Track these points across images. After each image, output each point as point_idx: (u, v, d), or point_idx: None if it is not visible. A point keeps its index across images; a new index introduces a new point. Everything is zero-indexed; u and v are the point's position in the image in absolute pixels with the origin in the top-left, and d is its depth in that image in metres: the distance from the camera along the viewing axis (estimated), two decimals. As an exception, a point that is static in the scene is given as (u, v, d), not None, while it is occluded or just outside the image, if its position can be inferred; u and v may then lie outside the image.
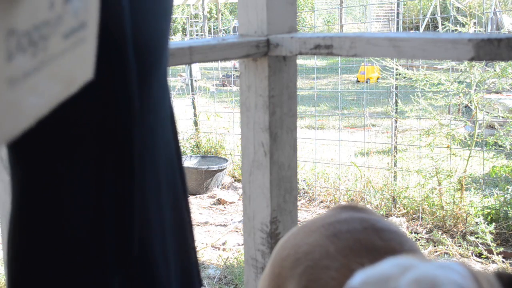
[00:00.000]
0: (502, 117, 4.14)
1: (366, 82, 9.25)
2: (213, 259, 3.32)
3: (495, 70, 3.82)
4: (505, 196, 3.62)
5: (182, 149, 5.34)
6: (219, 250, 3.47)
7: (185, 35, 18.18)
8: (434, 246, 3.41)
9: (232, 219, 4.01)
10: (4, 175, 1.21)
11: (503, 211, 3.56)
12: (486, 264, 3.19)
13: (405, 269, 0.62)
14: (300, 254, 0.96)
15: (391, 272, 0.62)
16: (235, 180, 4.91)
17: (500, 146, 3.89)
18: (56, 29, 0.53)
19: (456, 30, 4.00)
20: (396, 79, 4.17)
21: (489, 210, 3.60)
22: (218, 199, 4.41)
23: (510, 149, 3.71)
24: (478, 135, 3.91)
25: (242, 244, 2.64)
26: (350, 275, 0.87)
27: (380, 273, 0.63)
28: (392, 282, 0.61)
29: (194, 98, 5.63)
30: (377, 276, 0.62)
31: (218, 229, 3.83)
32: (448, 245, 3.34)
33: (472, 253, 3.30)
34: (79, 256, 0.84)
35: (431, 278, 0.59)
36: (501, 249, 3.27)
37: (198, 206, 4.34)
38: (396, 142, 4.25)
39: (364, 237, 0.93)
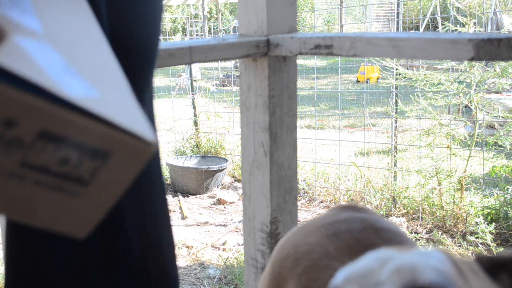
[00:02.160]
0: (502, 117, 4.14)
1: (366, 82, 9.25)
2: (213, 259, 3.32)
3: (495, 70, 3.82)
4: (505, 196, 3.63)
5: (182, 149, 5.34)
6: (219, 250, 3.47)
7: (185, 35, 18.18)
8: (434, 246, 3.41)
9: (232, 219, 4.01)
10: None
11: (503, 211, 3.56)
12: (486, 264, 3.19)
13: (385, 261, 0.62)
14: (299, 254, 0.96)
15: (371, 266, 0.62)
16: (235, 180, 4.91)
17: (500, 146, 3.89)
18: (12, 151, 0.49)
19: (456, 30, 4.00)
20: (396, 79, 4.17)
21: (489, 210, 3.60)
22: (218, 199, 4.41)
23: (510, 149, 3.71)
24: (478, 135, 3.91)
25: (242, 244, 2.64)
26: None
27: (361, 268, 0.63)
28: (374, 276, 0.61)
29: (194, 98, 5.63)
30: (359, 272, 0.63)
31: (218, 229, 3.83)
32: (448, 245, 3.34)
33: (472, 253, 3.30)
34: (70, 254, 0.85)
35: (411, 266, 0.60)
36: (501, 249, 3.27)
37: (198, 206, 4.34)
38: (396, 142, 4.25)
39: (364, 237, 0.93)
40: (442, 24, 6.79)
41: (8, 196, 0.51)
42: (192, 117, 5.66)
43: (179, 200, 4.42)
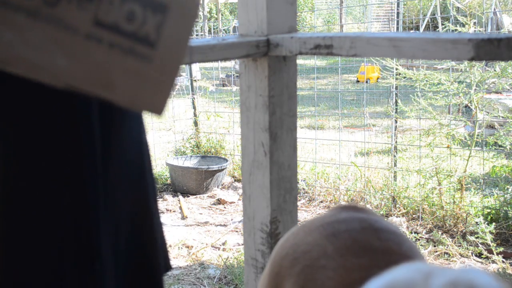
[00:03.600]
0: (502, 117, 4.14)
1: (366, 82, 9.24)
2: (213, 259, 3.32)
3: (495, 70, 3.82)
4: (505, 196, 3.62)
5: (182, 149, 5.34)
6: (219, 250, 3.47)
7: (185, 35, 18.13)
8: (434, 246, 3.41)
9: (232, 219, 4.01)
10: None
11: (503, 211, 3.56)
12: (486, 264, 3.19)
13: (427, 275, 0.59)
14: (298, 254, 0.96)
15: (413, 278, 0.59)
16: (235, 180, 4.91)
17: (500, 146, 3.89)
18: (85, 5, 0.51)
19: (456, 30, 4.00)
20: (396, 79, 4.17)
21: (489, 210, 3.60)
22: (218, 199, 4.41)
23: (510, 149, 3.71)
24: (478, 135, 3.91)
25: (242, 244, 2.63)
26: (347, 275, 0.87)
27: (401, 280, 0.59)
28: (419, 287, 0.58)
29: (194, 98, 5.63)
30: (399, 283, 0.59)
31: (218, 229, 3.83)
32: (448, 245, 3.34)
33: (472, 253, 3.30)
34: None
35: (468, 281, 0.57)
36: (501, 249, 3.27)
37: (198, 206, 4.34)
38: (396, 142, 4.25)
39: (362, 237, 0.93)
40: (442, 24, 6.79)
41: (88, 63, 0.53)
42: (192, 117, 5.66)
43: (179, 200, 4.42)
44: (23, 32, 0.49)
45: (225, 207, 4.30)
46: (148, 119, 5.77)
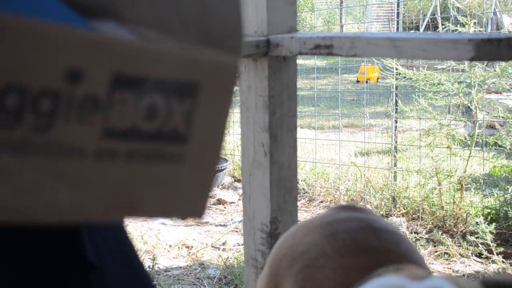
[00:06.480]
0: (502, 117, 4.14)
1: (366, 82, 9.24)
2: (213, 259, 3.32)
3: (495, 70, 3.82)
4: (505, 196, 3.63)
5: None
6: (219, 250, 3.47)
7: (185, 35, 18.16)
8: (434, 246, 3.41)
9: (232, 219, 4.01)
10: None
11: (503, 211, 3.56)
12: (486, 264, 3.19)
13: None
14: (297, 253, 0.96)
15: None
16: (235, 180, 4.91)
17: (500, 146, 3.89)
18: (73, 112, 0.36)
19: (456, 30, 4.00)
20: (396, 79, 4.17)
21: (489, 210, 3.60)
22: (218, 199, 4.42)
23: (510, 149, 3.71)
24: (478, 135, 3.91)
25: (242, 244, 2.64)
26: (346, 275, 0.88)
27: None
28: None
29: (194, 98, 5.63)
30: None
31: (218, 229, 3.83)
32: (448, 245, 3.34)
33: (472, 253, 3.30)
34: None
35: None
36: (501, 249, 3.27)
37: (198, 206, 4.34)
38: (396, 142, 4.25)
39: (361, 237, 0.93)
40: (442, 24, 6.79)
41: (101, 188, 0.39)
42: (192, 117, 5.66)
43: (179, 200, 4.42)
44: (10, 177, 0.35)
45: (225, 207, 4.30)
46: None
